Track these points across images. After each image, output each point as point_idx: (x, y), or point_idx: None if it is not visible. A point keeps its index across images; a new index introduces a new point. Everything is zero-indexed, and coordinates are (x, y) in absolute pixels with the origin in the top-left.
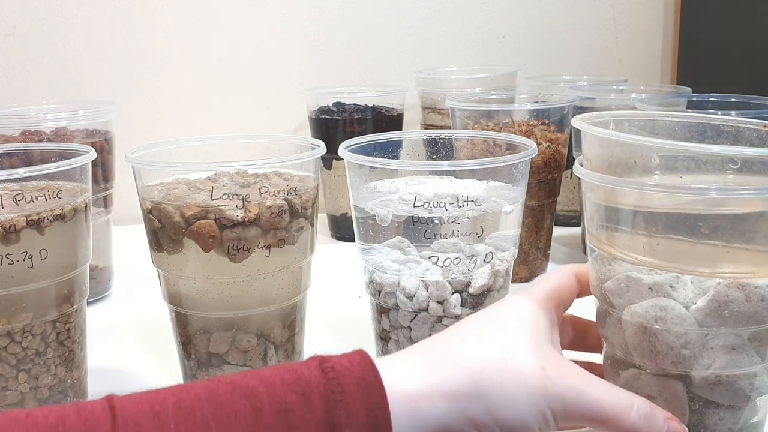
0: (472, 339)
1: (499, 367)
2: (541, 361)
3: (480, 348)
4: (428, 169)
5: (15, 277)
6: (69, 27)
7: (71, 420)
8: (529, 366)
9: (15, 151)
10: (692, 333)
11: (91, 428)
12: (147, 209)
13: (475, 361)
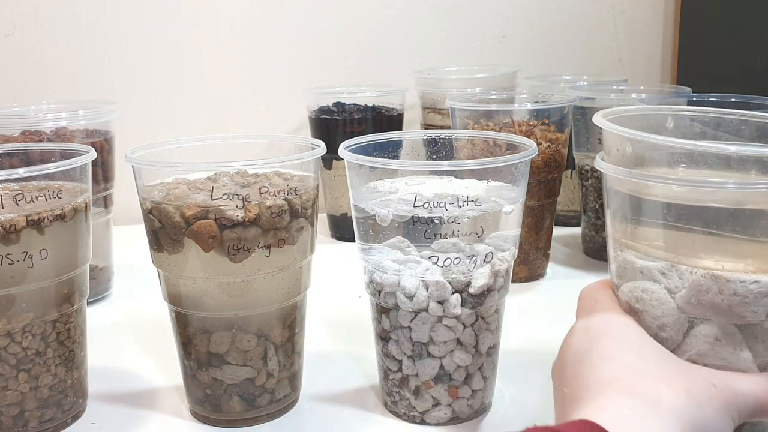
0: (643, 372)
1: (690, 400)
2: (709, 378)
3: (660, 384)
4: (428, 169)
5: (15, 277)
6: (69, 27)
7: None
8: (701, 386)
9: (15, 151)
10: (670, 317)
11: None
12: (147, 209)
13: (671, 404)
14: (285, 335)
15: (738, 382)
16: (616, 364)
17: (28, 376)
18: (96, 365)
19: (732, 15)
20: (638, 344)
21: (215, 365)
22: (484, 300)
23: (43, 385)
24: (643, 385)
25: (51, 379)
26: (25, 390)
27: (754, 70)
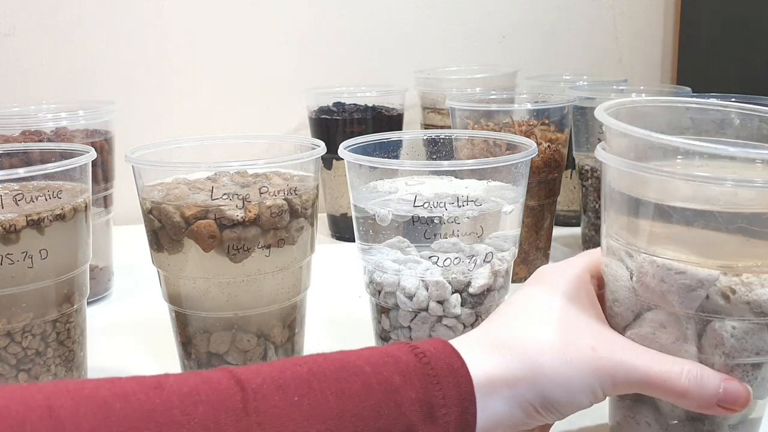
0: (525, 321)
1: (552, 349)
2: (590, 341)
3: (533, 331)
4: (428, 169)
5: (15, 277)
6: (69, 27)
7: (203, 389)
8: (580, 347)
9: (15, 151)
10: (622, 293)
11: (225, 398)
12: (147, 209)
13: (531, 344)
14: (285, 335)
15: (629, 356)
16: (502, 316)
17: (28, 376)
18: (96, 365)
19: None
20: (541, 304)
21: (215, 365)
22: (484, 300)
23: None
24: (513, 329)
25: (51, 379)
26: None
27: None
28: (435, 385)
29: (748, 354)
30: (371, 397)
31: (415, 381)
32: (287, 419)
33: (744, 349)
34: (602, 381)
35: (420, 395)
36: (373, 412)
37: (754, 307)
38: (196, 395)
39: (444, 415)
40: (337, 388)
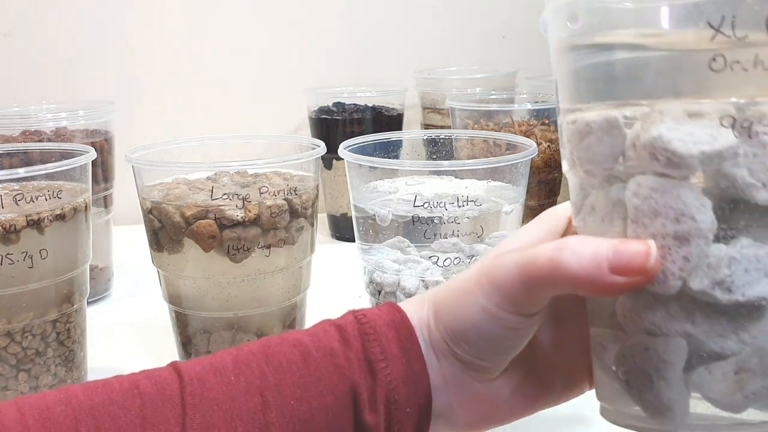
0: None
1: (449, 283)
2: (484, 261)
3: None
4: (428, 169)
5: (15, 277)
6: (69, 27)
7: (143, 383)
8: (471, 270)
9: (15, 151)
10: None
11: (162, 388)
12: (147, 209)
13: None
14: None
15: (508, 249)
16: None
17: (28, 376)
18: (96, 365)
19: None
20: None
21: None
22: None
23: (43, 385)
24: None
25: (51, 379)
26: (25, 390)
27: None
28: (373, 341)
29: (662, 221)
30: (310, 364)
31: (353, 342)
32: (223, 397)
33: (653, 214)
34: (485, 291)
35: (359, 354)
36: (313, 377)
37: (655, 152)
38: (136, 389)
39: (384, 368)
40: (274, 362)
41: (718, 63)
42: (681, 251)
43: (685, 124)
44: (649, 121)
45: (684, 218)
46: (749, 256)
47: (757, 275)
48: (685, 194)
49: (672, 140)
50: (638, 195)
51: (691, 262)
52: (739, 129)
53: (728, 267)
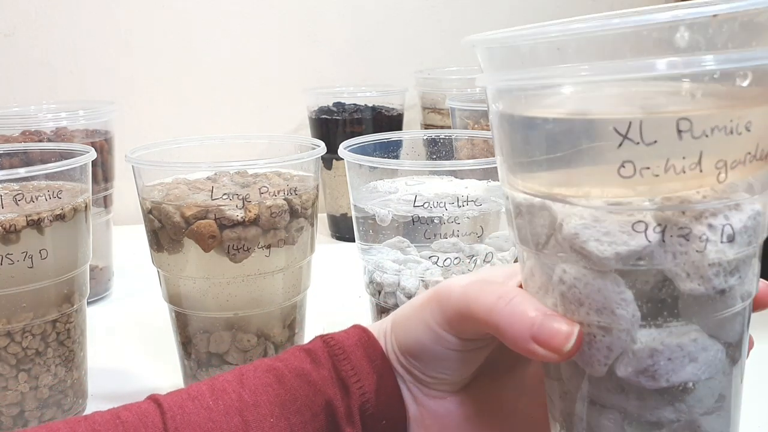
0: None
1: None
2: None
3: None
4: (428, 169)
5: (15, 277)
6: (69, 27)
7: (124, 414)
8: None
9: (15, 151)
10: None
11: (144, 416)
12: (147, 209)
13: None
14: (285, 335)
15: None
16: None
17: (28, 376)
18: (96, 365)
19: None
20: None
21: (215, 365)
22: None
23: (43, 385)
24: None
25: (51, 379)
26: (25, 390)
27: None
28: (343, 360)
29: (586, 311)
30: (284, 384)
31: (323, 362)
32: (204, 419)
33: (578, 302)
34: (432, 309)
35: (330, 372)
36: (289, 395)
37: (573, 247)
38: (117, 419)
39: (356, 382)
40: (250, 385)
41: (627, 170)
42: (605, 341)
43: (602, 222)
44: (569, 213)
45: (605, 311)
46: (672, 346)
47: (681, 362)
48: (606, 288)
49: (588, 240)
50: (564, 282)
51: (614, 352)
52: (652, 233)
53: (650, 357)
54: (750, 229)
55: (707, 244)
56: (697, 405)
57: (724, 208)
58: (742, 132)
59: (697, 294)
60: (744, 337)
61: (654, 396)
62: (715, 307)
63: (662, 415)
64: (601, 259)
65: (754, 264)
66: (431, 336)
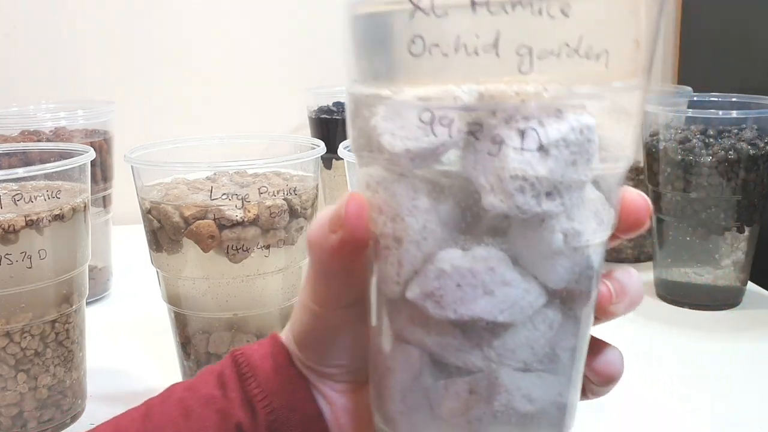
0: None
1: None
2: None
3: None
4: None
5: (14, 277)
6: (68, 26)
7: None
8: None
9: (14, 151)
10: None
11: None
12: (146, 209)
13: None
14: None
15: None
16: None
17: (27, 376)
18: (95, 366)
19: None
20: None
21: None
22: None
23: (42, 385)
24: None
25: (50, 379)
26: (24, 390)
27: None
28: (249, 378)
29: (384, 219)
30: (191, 417)
31: (231, 384)
32: None
33: (378, 210)
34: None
35: (238, 394)
36: (197, 426)
37: (372, 140)
38: None
39: (262, 400)
40: (156, 422)
41: (416, 46)
42: (396, 254)
43: (405, 116)
44: (380, 109)
45: (398, 218)
46: (462, 270)
47: (472, 293)
48: (400, 193)
49: (383, 134)
50: (369, 187)
51: (404, 268)
52: (455, 132)
53: (437, 279)
54: (574, 146)
55: (509, 149)
56: (508, 356)
57: (540, 113)
58: (556, 15)
59: (499, 212)
60: (578, 290)
61: (457, 333)
62: (525, 235)
63: (468, 359)
64: (392, 154)
65: (589, 202)
66: (308, 316)
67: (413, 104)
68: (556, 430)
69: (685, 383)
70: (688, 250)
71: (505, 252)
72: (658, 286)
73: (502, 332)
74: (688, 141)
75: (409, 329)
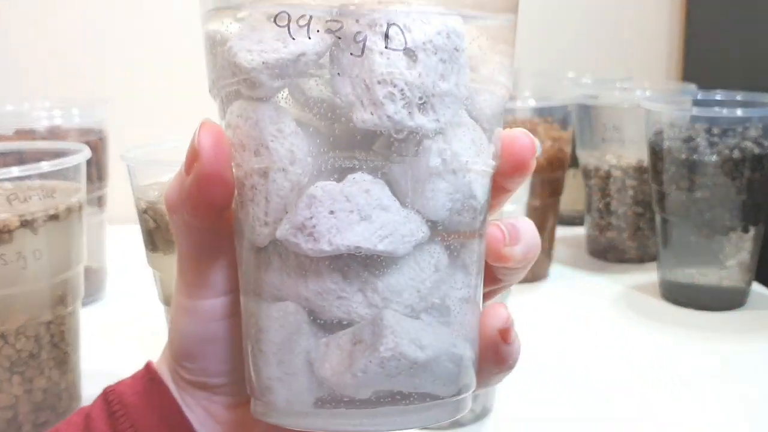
0: None
1: None
2: None
3: None
4: None
5: (8, 278)
6: (63, 25)
7: None
8: None
9: (8, 151)
10: None
11: None
12: (142, 209)
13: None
14: None
15: None
16: None
17: (22, 378)
18: (90, 368)
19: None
20: None
21: None
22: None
23: (37, 387)
24: None
25: (45, 382)
26: (18, 393)
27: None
28: (121, 417)
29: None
30: None
31: (100, 426)
32: None
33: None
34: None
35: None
36: None
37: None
38: None
39: None
40: None
41: None
42: (263, 190)
43: (261, 30)
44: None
45: (262, 149)
46: (335, 194)
47: (347, 219)
48: (262, 119)
49: (239, 52)
50: (230, 125)
51: (272, 204)
52: (317, 41)
53: (308, 208)
54: (442, 52)
55: (374, 54)
56: (393, 299)
57: (405, 19)
58: None
59: (370, 125)
60: (462, 224)
61: (336, 277)
62: (399, 153)
63: (350, 307)
64: (249, 70)
65: (465, 126)
66: (183, 318)
67: (269, 12)
68: (451, 387)
69: (690, 384)
70: (693, 250)
71: (381, 178)
72: (662, 287)
73: (384, 271)
74: (692, 140)
75: (282, 281)
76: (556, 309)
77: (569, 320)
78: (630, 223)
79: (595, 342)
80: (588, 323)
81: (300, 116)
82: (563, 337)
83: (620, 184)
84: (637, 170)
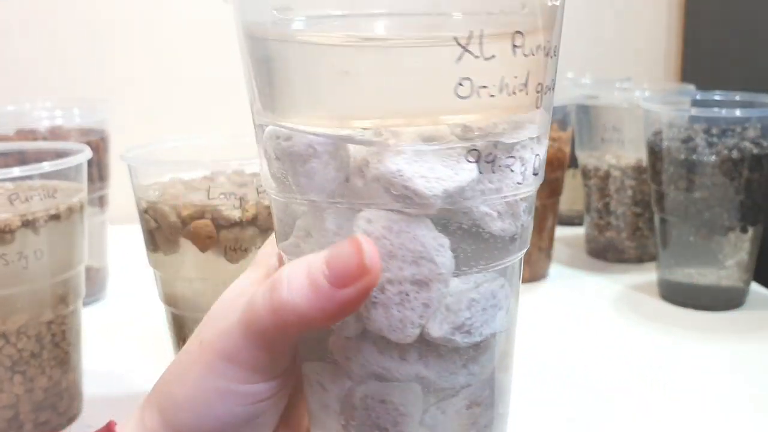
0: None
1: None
2: (204, 336)
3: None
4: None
5: (10, 278)
6: (64, 25)
7: None
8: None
9: (10, 151)
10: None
11: None
12: (143, 209)
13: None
14: None
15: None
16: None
17: (23, 378)
18: (91, 367)
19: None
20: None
21: None
22: None
23: (38, 387)
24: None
25: (46, 381)
26: (20, 392)
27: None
28: None
29: (399, 264)
30: None
31: None
32: None
33: (389, 255)
34: (210, 365)
35: None
36: None
37: (392, 187)
38: None
39: None
40: None
41: (465, 88)
42: (420, 297)
43: (424, 157)
44: (381, 148)
45: (423, 261)
46: (487, 295)
47: (492, 312)
48: (423, 234)
49: (413, 177)
50: (370, 234)
51: (431, 308)
52: (483, 163)
53: (468, 309)
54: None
55: (521, 176)
56: (489, 363)
57: (531, 141)
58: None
59: (509, 234)
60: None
61: (455, 356)
62: (513, 249)
63: (456, 380)
64: (429, 197)
65: None
66: (231, 400)
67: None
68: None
69: (689, 384)
70: (691, 250)
71: (495, 270)
72: (661, 287)
73: (485, 346)
74: (691, 140)
75: (402, 368)
76: (555, 309)
77: (568, 320)
78: (629, 223)
79: (594, 342)
80: (587, 323)
81: (445, 229)
82: (562, 336)
83: (619, 184)
84: (636, 170)
